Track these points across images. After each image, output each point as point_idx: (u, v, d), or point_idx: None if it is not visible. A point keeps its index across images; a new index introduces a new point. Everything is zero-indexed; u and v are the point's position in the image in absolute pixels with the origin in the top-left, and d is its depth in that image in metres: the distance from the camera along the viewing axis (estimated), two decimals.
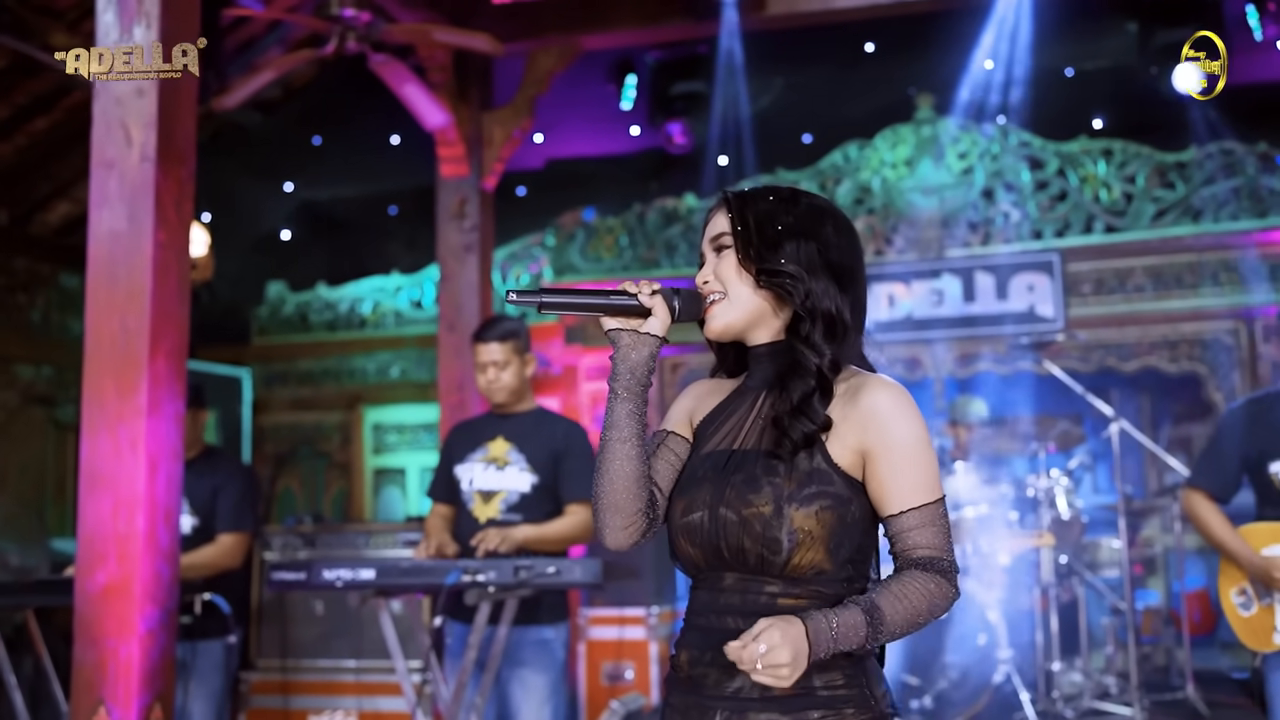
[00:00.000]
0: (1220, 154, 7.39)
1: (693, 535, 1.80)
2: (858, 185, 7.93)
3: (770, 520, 1.71)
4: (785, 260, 1.79)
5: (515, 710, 4.02)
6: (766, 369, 1.86)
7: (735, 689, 1.75)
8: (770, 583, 1.75)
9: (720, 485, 1.78)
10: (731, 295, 1.82)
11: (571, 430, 4.22)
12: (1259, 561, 3.60)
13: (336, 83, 7.79)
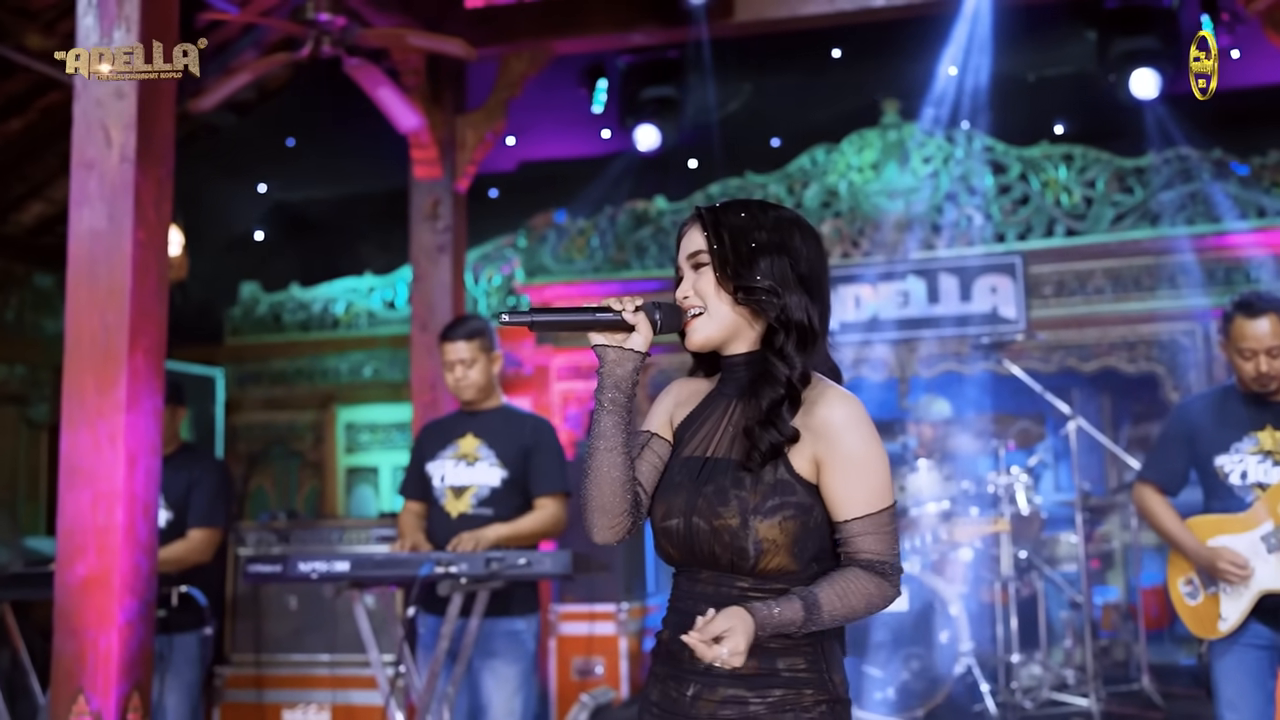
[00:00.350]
0: (1177, 160, 7.56)
1: (670, 538, 1.94)
2: (825, 188, 8.05)
3: (737, 532, 1.84)
4: (761, 276, 1.89)
5: (487, 700, 4.11)
6: (740, 378, 1.97)
7: (708, 666, 1.85)
8: (741, 579, 1.88)
9: (694, 494, 1.90)
10: (710, 310, 1.92)
11: (540, 426, 4.32)
12: (1205, 552, 3.73)
13: (310, 85, 7.85)
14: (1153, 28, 7.14)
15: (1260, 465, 3.73)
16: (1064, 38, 7.77)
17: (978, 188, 7.86)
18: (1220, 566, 3.68)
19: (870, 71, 8.09)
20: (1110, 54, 7.31)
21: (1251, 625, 3.70)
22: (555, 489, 4.19)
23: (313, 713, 5.52)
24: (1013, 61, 7.57)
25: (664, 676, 1.97)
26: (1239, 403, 3.84)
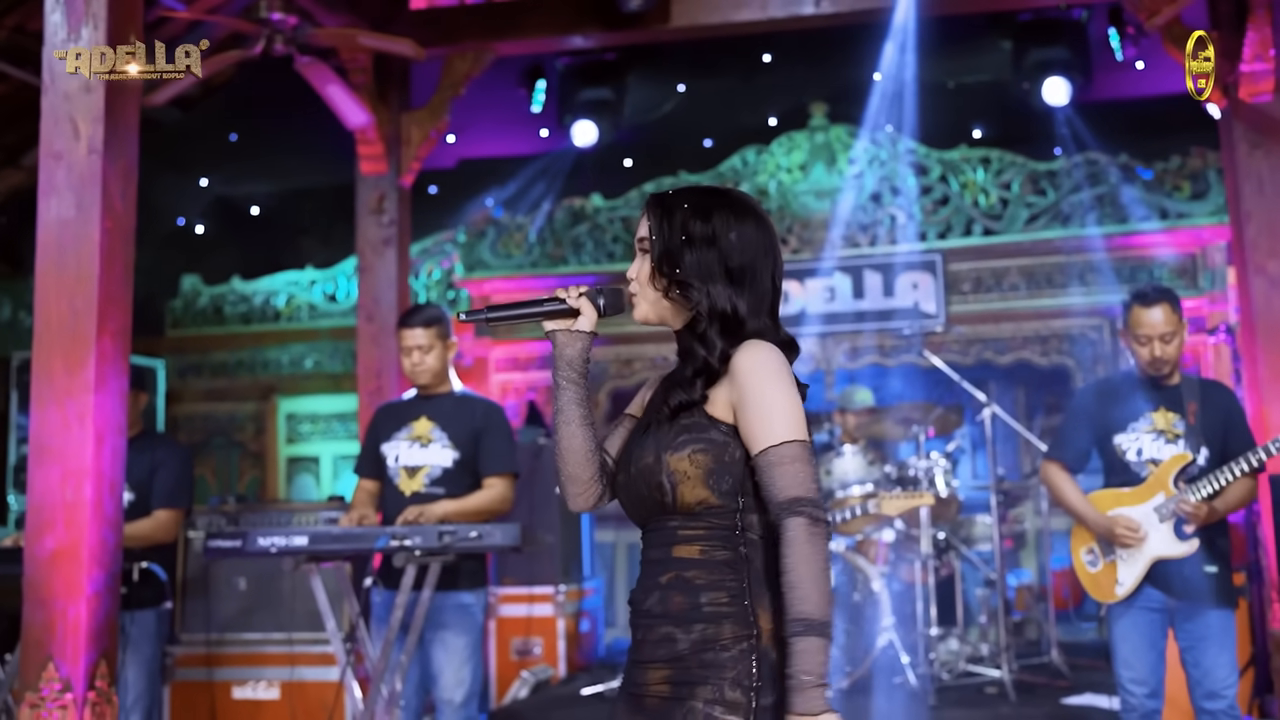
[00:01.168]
0: (1086, 164, 7.91)
1: (620, 494, 2.15)
2: (755, 188, 8.33)
3: (653, 467, 2.00)
4: (685, 271, 2.05)
5: (438, 670, 4.30)
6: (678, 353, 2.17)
7: (648, 607, 2.03)
8: (672, 519, 2.02)
9: (628, 452, 2.12)
10: (643, 295, 2.11)
11: (490, 410, 4.54)
12: (1104, 522, 4.07)
13: (252, 82, 7.97)
14: (1064, 38, 7.55)
15: (1154, 443, 4.08)
16: (981, 47, 8.13)
17: (900, 189, 8.17)
18: (1118, 532, 4.01)
19: (799, 76, 8.37)
20: (1025, 63, 7.71)
21: (1145, 590, 4.04)
22: (503, 469, 4.40)
23: (262, 689, 5.64)
24: (934, 69, 7.89)
25: (633, 625, 2.10)
26: (1135, 386, 4.19)
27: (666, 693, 1.98)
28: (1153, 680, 4.05)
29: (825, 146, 8.29)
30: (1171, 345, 4.07)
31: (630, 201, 8.45)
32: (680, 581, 2.00)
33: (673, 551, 2.02)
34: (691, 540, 2.02)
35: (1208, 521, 3.96)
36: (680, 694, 1.96)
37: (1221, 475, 3.93)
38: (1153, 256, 7.75)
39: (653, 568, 2.04)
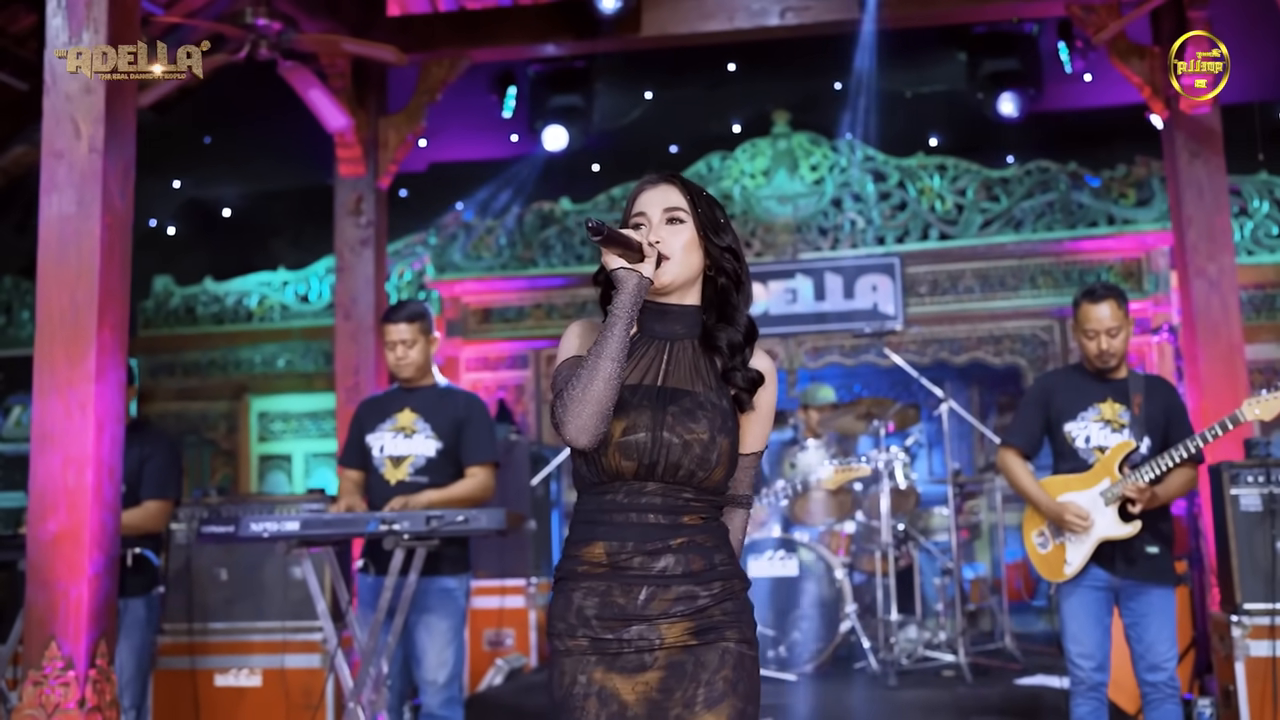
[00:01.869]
0: (1037, 171, 8.19)
1: (629, 451, 2.20)
2: (719, 193, 8.56)
3: (707, 444, 2.20)
4: (730, 241, 2.31)
5: (421, 652, 4.46)
6: (675, 323, 2.32)
7: (661, 568, 2.20)
8: (687, 490, 2.23)
9: (659, 413, 2.22)
10: (682, 260, 2.26)
11: (471, 401, 4.72)
12: (1055, 506, 4.33)
13: (226, 85, 8.10)
14: (1016, 51, 7.88)
15: (1101, 431, 4.36)
16: (938, 59, 8.42)
17: (860, 194, 8.44)
18: (1067, 518, 4.28)
19: (762, 85, 8.62)
20: (979, 74, 8.02)
21: (1091, 569, 4.31)
22: (485, 459, 4.57)
23: (244, 676, 5.78)
24: (892, 79, 8.16)
25: (604, 589, 2.20)
26: (1084, 378, 4.48)
27: (692, 642, 2.19)
28: (1099, 655, 4.32)
29: (788, 153, 8.53)
30: (1117, 339, 4.35)
31: (598, 205, 8.66)
32: (693, 545, 2.23)
33: (681, 519, 2.23)
34: (697, 511, 2.25)
35: (1150, 505, 4.23)
36: (708, 639, 2.20)
37: (1163, 462, 4.21)
38: (1100, 260, 8.05)
39: (654, 530, 2.20)
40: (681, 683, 2.19)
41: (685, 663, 2.19)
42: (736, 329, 2.31)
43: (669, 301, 2.33)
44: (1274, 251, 8.01)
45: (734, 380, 2.28)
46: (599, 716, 2.19)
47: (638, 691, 2.19)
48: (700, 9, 6.61)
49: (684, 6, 6.65)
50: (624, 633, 2.19)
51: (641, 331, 2.33)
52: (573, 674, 2.22)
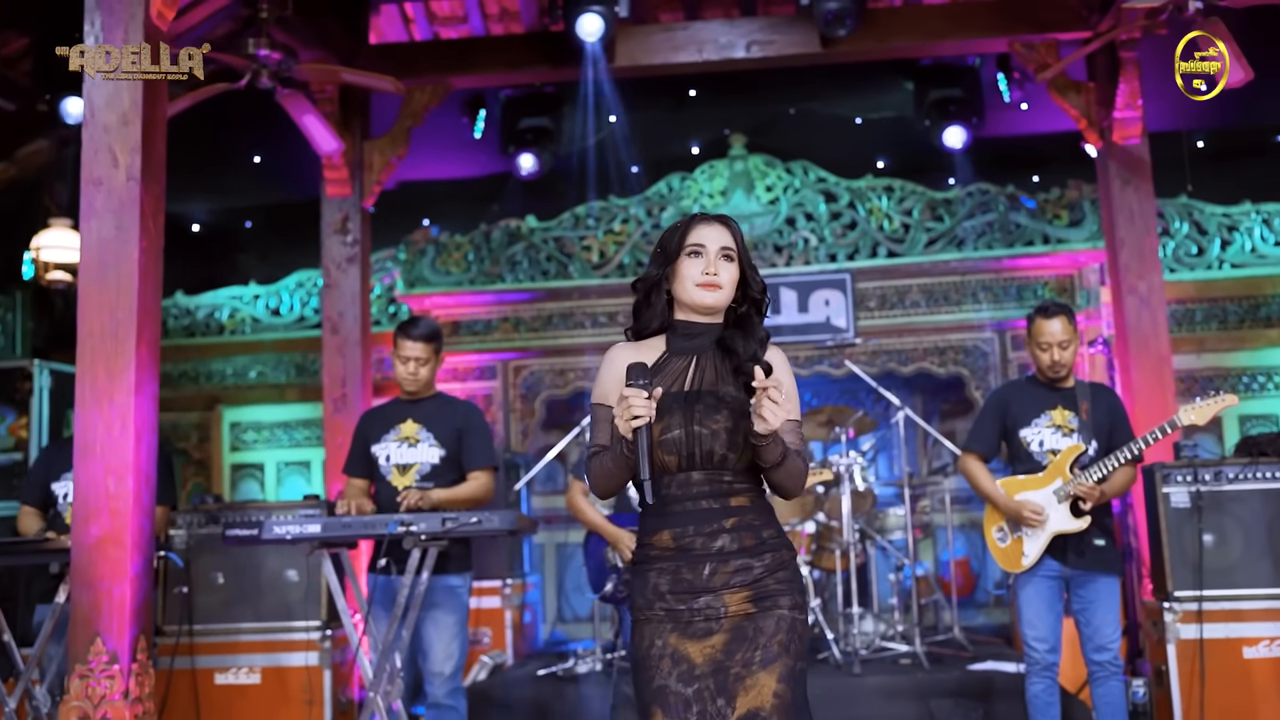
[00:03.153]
0: (978, 193, 8.62)
1: (669, 448, 2.63)
2: (680, 211, 8.93)
3: (732, 430, 2.63)
4: (756, 276, 2.80)
5: (428, 645, 4.77)
6: (703, 340, 2.76)
7: (719, 546, 2.62)
8: (726, 473, 2.66)
9: (688, 411, 2.66)
10: (729, 290, 2.73)
11: (470, 410, 5.06)
12: (1012, 504, 4.80)
13: (196, 106, 8.30)
14: (959, 81, 8.38)
15: (1053, 436, 4.84)
16: (886, 87, 8.87)
17: (813, 214, 8.86)
18: (1024, 515, 4.75)
19: (721, 110, 9.01)
20: (925, 102, 8.51)
21: (1046, 561, 4.79)
22: (485, 464, 4.90)
23: (244, 675, 6.03)
24: (843, 105, 8.61)
25: (673, 568, 2.63)
26: (1037, 388, 4.96)
27: (751, 610, 2.61)
28: (1052, 638, 4.80)
29: (744, 174, 8.94)
30: (1068, 351, 4.84)
31: (563, 223, 9.01)
32: (744, 524, 2.66)
33: (730, 502, 2.67)
34: (742, 492, 2.70)
35: (1098, 502, 4.72)
36: (765, 606, 2.62)
37: (1108, 463, 4.70)
38: (1036, 277, 8.56)
39: (709, 515, 2.64)
40: (742, 646, 2.60)
41: (746, 628, 2.61)
42: (755, 340, 2.75)
43: (702, 321, 2.78)
44: (1193, 270, 8.61)
45: (746, 370, 2.65)
46: (671, 673, 2.61)
47: (704, 654, 2.61)
48: (671, 41, 7.03)
49: (655, 39, 7.07)
50: (693, 603, 2.63)
51: (671, 350, 2.77)
52: (650, 638, 2.65)
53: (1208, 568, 5.49)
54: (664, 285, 2.79)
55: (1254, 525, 5.53)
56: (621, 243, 8.94)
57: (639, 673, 2.66)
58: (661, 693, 2.60)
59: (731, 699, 2.58)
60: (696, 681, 2.60)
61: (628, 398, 2.51)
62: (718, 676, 2.59)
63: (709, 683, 2.59)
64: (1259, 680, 5.41)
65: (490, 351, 8.92)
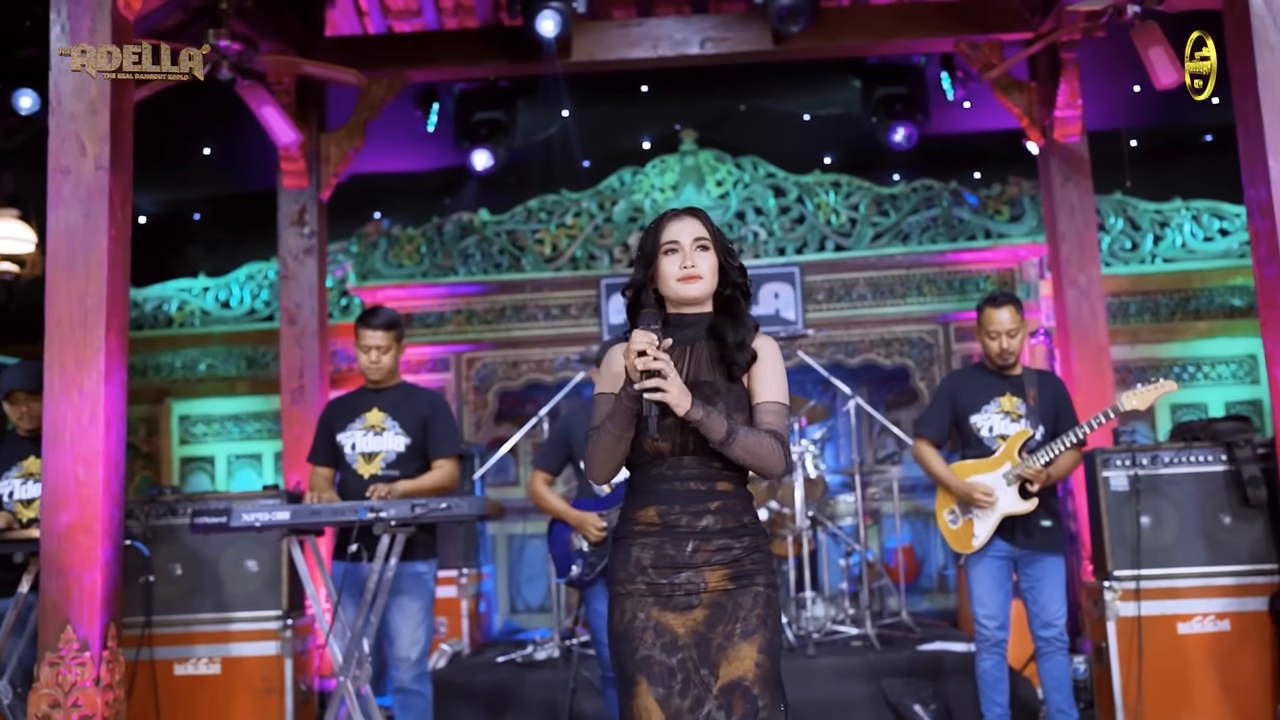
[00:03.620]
0: (923, 189, 8.83)
1: (664, 433, 2.73)
2: (631, 205, 9.08)
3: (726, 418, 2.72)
4: (739, 262, 2.92)
5: (395, 631, 4.81)
6: (694, 329, 2.87)
7: (704, 526, 2.75)
8: (715, 460, 2.77)
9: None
10: (709, 279, 2.84)
11: (435, 399, 5.12)
12: (963, 487, 4.98)
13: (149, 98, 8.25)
14: (904, 80, 8.59)
15: (1002, 421, 5.03)
16: (834, 85, 9.04)
17: (762, 208, 9.03)
18: (975, 496, 4.93)
19: (672, 105, 9.14)
20: (871, 99, 8.71)
21: (995, 541, 4.98)
22: (450, 452, 4.97)
23: (203, 665, 6.03)
24: (792, 102, 8.77)
25: (657, 543, 2.75)
26: (986, 375, 5.15)
27: (730, 586, 2.74)
28: (1001, 615, 4.99)
29: (695, 169, 9.07)
30: (1015, 340, 5.03)
31: (515, 216, 9.09)
32: (727, 508, 2.79)
33: (716, 486, 2.79)
34: (728, 478, 2.82)
35: (1045, 484, 4.91)
36: (742, 584, 2.75)
37: (1055, 447, 4.89)
38: (979, 271, 8.79)
39: (696, 496, 2.76)
40: (722, 619, 2.73)
41: (725, 603, 2.74)
42: (744, 327, 2.86)
43: (692, 312, 2.89)
44: (1127, 264, 8.90)
45: (730, 358, 2.81)
46: (655, 645, 2.73)
47: (686, 626, 2.73)
48: (626, 38, 7.13)
49: (611, 35, 7.17)
50: (675, 578, 2.75)
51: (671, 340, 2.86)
52: (633, 611, 2.77)
53: (1145, 548, 5.71)
54: (650, 286, 2.90)
55: (1188, 507, 5.76)
56: (574, 236, 9.03)
57: (621, 644, 2.76)
58: (646, 662, 2.71)
59: (715, 668, 2.69)
60: (680, 652, 2.71)
61: (638, 339, 2.64)
62: (700, 648, 2.71)
63: (692, 653, 2.71)
64: (1192, 654, 5.65)
65: (443, 344, 8.97)
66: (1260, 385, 8.62)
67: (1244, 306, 8.70)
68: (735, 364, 2.82)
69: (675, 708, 2.68)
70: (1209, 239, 8.88)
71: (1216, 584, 5.68)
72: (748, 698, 2.67)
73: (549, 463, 5.15)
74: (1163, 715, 5.60)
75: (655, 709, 2.68)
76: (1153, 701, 5.58)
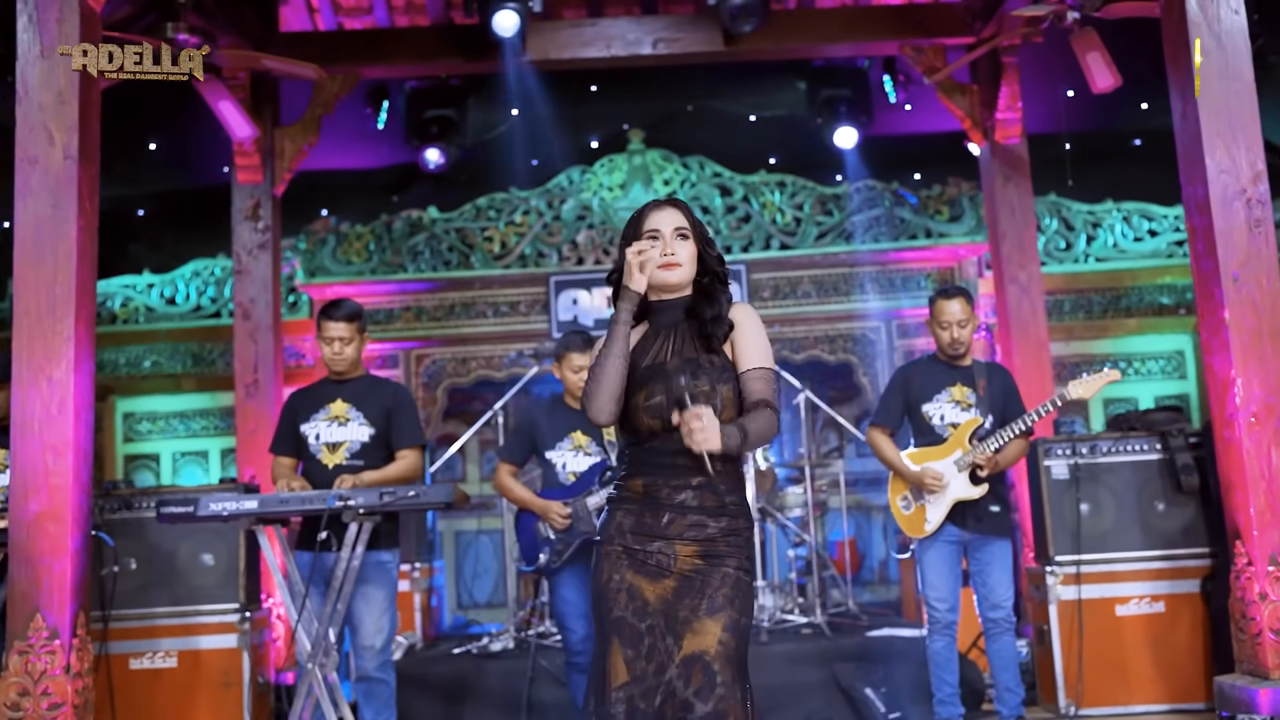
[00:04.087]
0: (866, 189, 9.01)
1: (652, 412, 2.89)
2: (580, 204, 9.15)
3: (709, 394, 2.87)
4: (714, 251, 3.05)
5: (359, 620, 4.85)
6: (675, 313, 3.00)
7: (681, 500, 2.87)
8: None
9: (669, 379, 2.89)
10: (689, 266, 2.98)
11: (399, 390, 5.18)
12: (916, 473, 5.14)
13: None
14: (848, 82, 8.79)
15: (953, 410, 5.21)
16: (779, 86, 9.22)
17: (709, 207, 9.16)
18: (927, 481, 5.10)
19: (621, 105, 9.25)
20: (816, 101, 8.90)
21: (947, 526, 5.14)
22: (413, 442, 5.02)
23: (159, 659, 6.01)
24: (737, 103, 8.92)
25: (639, 511, 2.90)
26: (937, 366, 5.32)
27: (700, 564, 2.85)
28: (952, 598, 5.16)
29: (642, 168, 9.19)
30: (966, 330, 5.21)
31: (464, 214, 9.14)
32: (710, 486, 2.89)
33: (703, 463, 2.86)
34: (716, 456, 2.87)
35: (994, 471, 5.10)
36: (712, 564, 2.85)
37: (1004, 435, 5.07)
38: (920, 269, 9.01)
39: (678, 471, 2.87)
40: (690, 593, 2.85)
41: (694, 580, 2.86)
42: (718, 304, 2.99)
43: (673, 298, 3.02)
44: (1062, 263, 9.19)
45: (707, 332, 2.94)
46: (628, 606, 2.86)
47: (657, 594, 2.86)
48: (580, 37, 7.24)
49: (565, 34, 7.28)
50: (648, 545, 2.88)
51: (651, 325, 3.03)
52: (610, 572, 2.90)
53: (1084, 534, 5.95)
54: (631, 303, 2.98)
55: (1125, 494, 6.01)
56: (522, 234, 9.11)
57: (600, 603, 2.90)
58: (619, 624, 2.84)
59: (679, 639, 2.81)
60: (649, 618, 2.83)
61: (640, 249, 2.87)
62: (667, 617, 2.83)
63: (659, 620, 2.83)
64: (1129, 635, 5.89)
65: (392, 340, 9.00)
66: (1188, 380, 8.95)
67: (1172, 304, 9.03)
68: (713, 336, 2.94)
69: (640, 670, 2.80)
70: (1139, 239, 9.21)
71: (1152, 567, 5.94)
72: (707, 672, 2.77)
73: (513, 454, 5.25)
74: (1102, 694, 5.84)
75: (622, 669, 2.81)
76: (1092, 681, 5.82)
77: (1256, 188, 4.38)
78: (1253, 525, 4.26)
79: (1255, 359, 4.31)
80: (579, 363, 5.17)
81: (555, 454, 5.16)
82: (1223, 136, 4.40)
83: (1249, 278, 4.32)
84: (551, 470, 5.17)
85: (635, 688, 2.77)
